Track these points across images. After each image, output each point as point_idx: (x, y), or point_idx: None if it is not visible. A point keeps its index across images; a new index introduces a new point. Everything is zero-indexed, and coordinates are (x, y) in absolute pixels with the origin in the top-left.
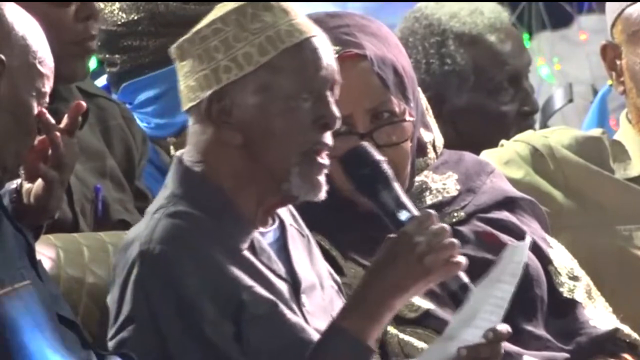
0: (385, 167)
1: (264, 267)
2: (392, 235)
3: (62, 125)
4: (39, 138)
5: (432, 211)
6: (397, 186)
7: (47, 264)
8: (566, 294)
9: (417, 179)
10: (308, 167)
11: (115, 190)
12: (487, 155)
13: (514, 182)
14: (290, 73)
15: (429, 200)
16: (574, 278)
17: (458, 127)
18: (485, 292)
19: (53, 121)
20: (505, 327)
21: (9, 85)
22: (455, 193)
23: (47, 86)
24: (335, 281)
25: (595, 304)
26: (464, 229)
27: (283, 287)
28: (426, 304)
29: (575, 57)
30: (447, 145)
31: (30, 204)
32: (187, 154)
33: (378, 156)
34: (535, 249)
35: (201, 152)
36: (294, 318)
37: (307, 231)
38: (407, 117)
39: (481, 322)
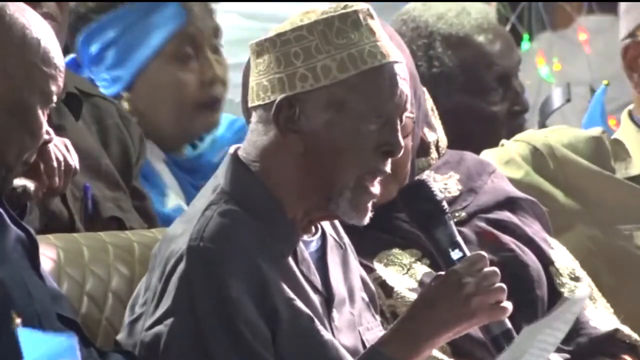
0: (445, 204)
1: (303, 277)
2: (441, 273)
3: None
4: None
5: (484, 253)
6: (452, 224)
7: (47, 264)
8: (567, 295)
9: (419, 178)
10: (359, 195)
11: (108, 189)
12: (487, 154)
13: (514, 181)
14: (365, 94)
15: None
16: (575, 279)
17: (449, 128)
18: (534, 335)
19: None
20: None
21: (6, 85)
22: (456, 193)
23: (53, 86)
24: (369, 291)
25: (596, 305)
26: (465, 229)
27: (317, 300)
28: None
29: (575, 58)
30: None
31: None
32: (243, 150)
33: (438, 193)
34: (537, 249)
35: (258, 152)
36: (328, 335)
37: (346, 240)
38: (407, 114)
39: None
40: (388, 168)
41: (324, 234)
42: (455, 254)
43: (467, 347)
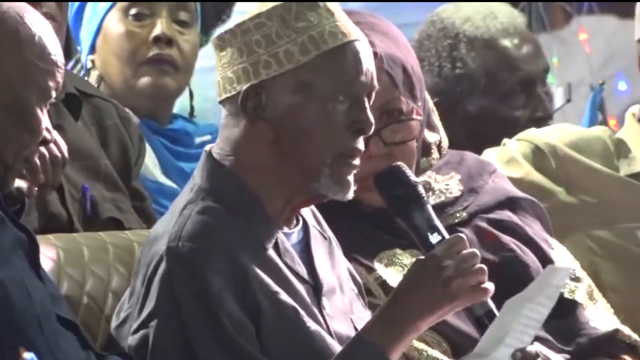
0: (420, 189)
1: (287, 268)
2: (421, 257)
3: None
4: None
5: (463, 235)
6: (430, 208)
7: (47, 264)
8: (567, 295)
9: (420, 179)
10: (339, 168)
11: (107, 189)
12: (489, 153)
13: (515, 180)
14: (329, 75)
15: (432, 200)
16: (575, 279)
17: (470, 130)
18: (517, 310)
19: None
20: (534, 349)
21: (3, 83)
22: (458, 193)
23: (51, 82)
24: (357, 283)
25: (597, 305)
26: (466, 229)
27: (304, 289)
28: None
29: (575, 58)
30: (459, 148)
31: None
32: (216, 146)
33: (413, 177)
34: (537, 249)
35: (231, 146)
36: (314, 326)
37: (329, 233)
38: (415, 116)
39: (512, 341)
40: (361, 146)
41: (305, 226)
42: (434, 238)
43: (468, 347)
